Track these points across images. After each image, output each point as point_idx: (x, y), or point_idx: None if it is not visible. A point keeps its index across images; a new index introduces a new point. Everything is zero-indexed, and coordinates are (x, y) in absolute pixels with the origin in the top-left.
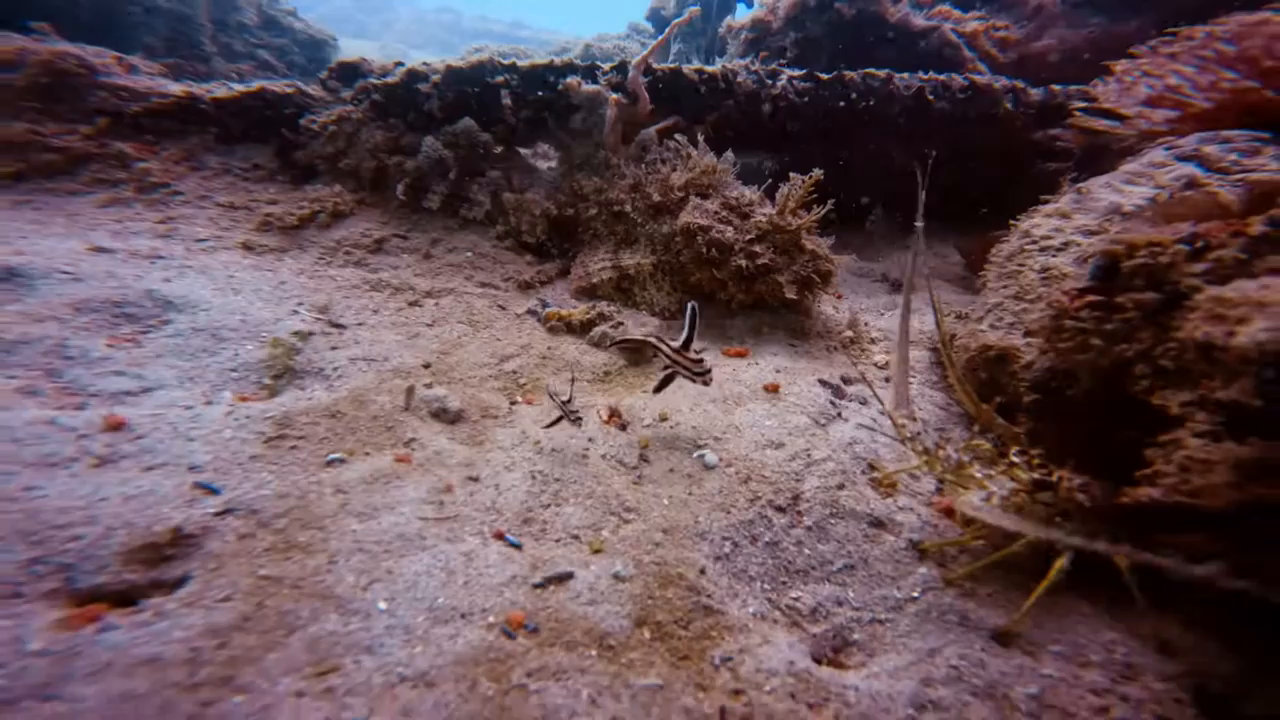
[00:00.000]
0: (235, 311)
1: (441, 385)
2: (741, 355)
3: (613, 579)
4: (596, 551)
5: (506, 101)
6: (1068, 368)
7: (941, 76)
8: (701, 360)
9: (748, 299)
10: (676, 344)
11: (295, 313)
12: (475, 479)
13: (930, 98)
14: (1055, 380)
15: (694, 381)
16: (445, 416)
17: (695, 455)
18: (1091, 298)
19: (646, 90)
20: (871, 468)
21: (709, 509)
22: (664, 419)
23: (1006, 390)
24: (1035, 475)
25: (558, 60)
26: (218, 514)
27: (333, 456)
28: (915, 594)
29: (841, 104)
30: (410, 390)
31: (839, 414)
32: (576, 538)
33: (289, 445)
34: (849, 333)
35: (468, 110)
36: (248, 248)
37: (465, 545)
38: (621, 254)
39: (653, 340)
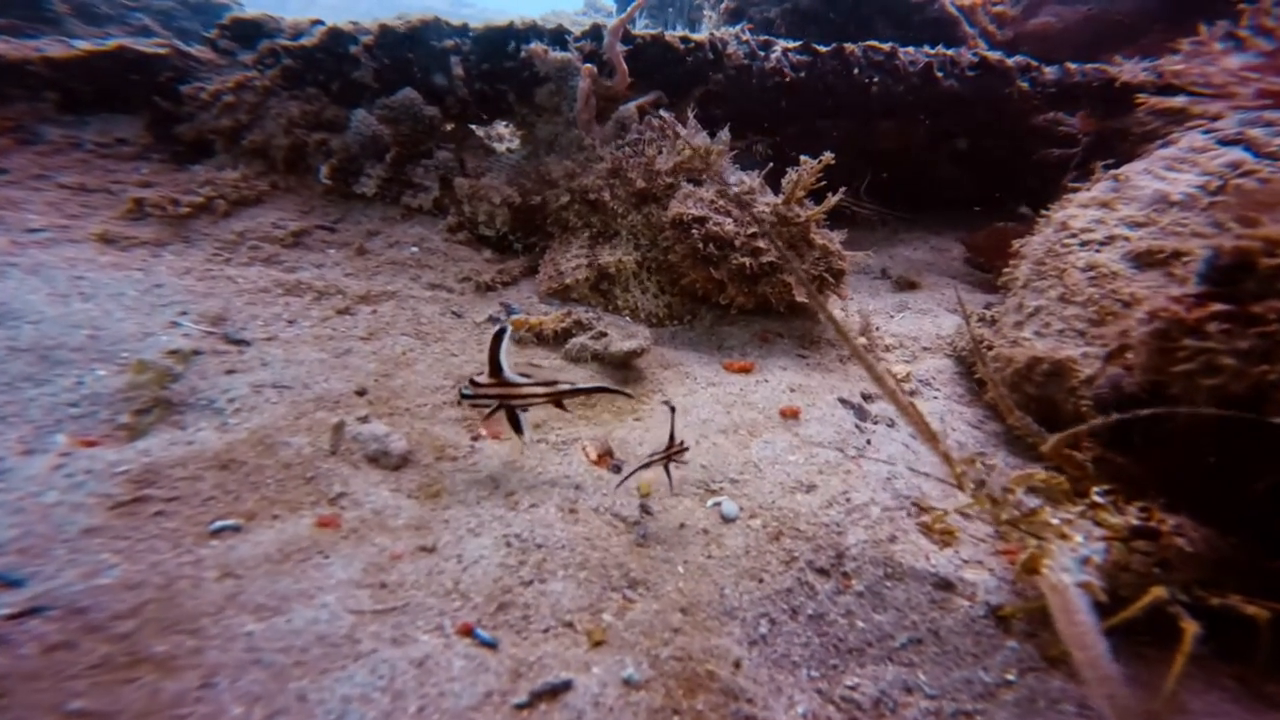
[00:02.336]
0: (81, 324)
1: (381, 418)
2: (746, 371)
3: (623, 685)
4: (598, 644)
5: (458, 71)
6: (1175, 391)
7: (950, 52)
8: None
9: (749, 302)
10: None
11: (175, 325)
12: (430, 548)
13: (938, 75)
14: (1139, 402)
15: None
16: (386, 461)
17: (710, 504)
18: (1217, 307)
19: (624, 60)
20: (918, 508)
21: (735, 576)
22: None
23: (1063, 410)
24: (1132, 520)
25: (519, 22)
26: (13, 616)
27: (221, 524)
28: (1010, 676)
29: (842, 80)
30: (338, 427)
31: (868, 440)
32: (570, 625)
33: (151, 512)
34: (862, 339)
35: (409, 80)
36: (106, 240)
37: (418, 648)
38: (599, 249)
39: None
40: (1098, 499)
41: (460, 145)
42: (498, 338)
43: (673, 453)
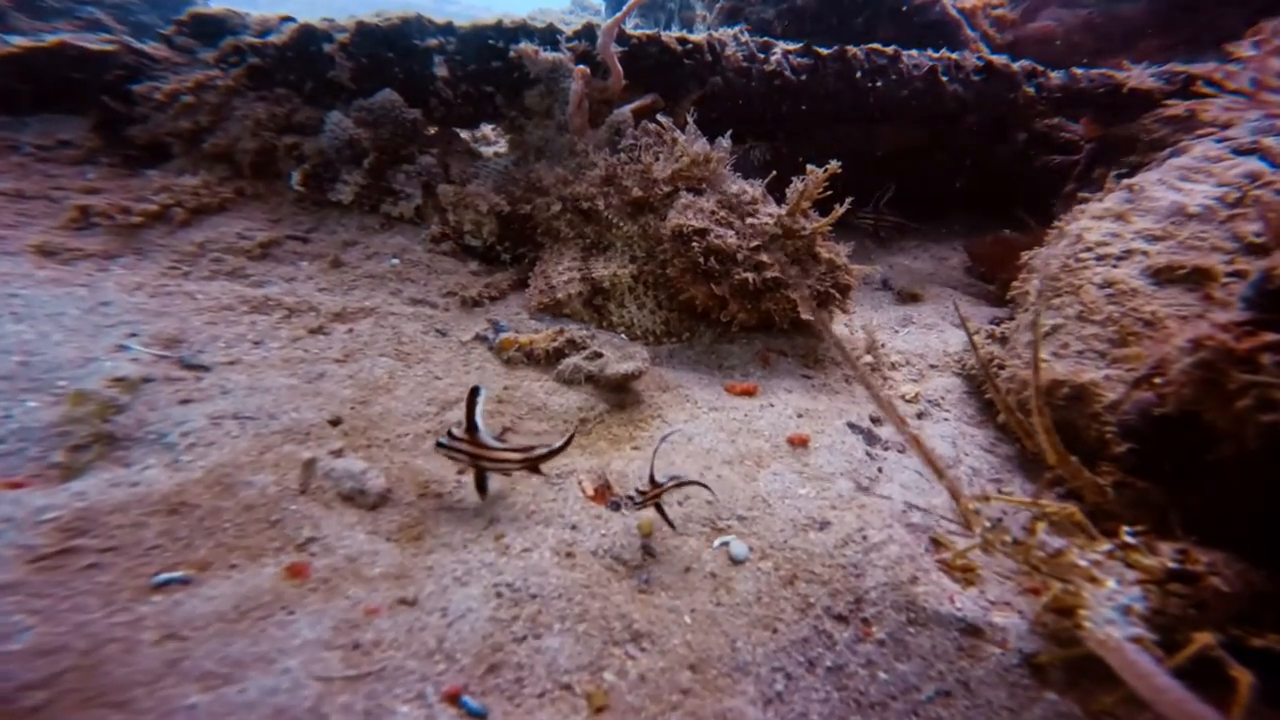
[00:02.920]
0: (11, 349)
1: (358, 451)
2: (750, 393)
3: None
4: (599, 710)
5: (441, 71)
6: (1216, 422)
7: (954, 55)
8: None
9: (751, 319)
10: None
11: (122, 348)
12: (411, 601)
13: (943, 79)
14: (1169, 430)
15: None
16: (363, 499)
17: (718, 544)
18: (1270, 337)
19: (619, 62)
20: (936, 544)
21: (748, 626)
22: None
23: (1085, 435)
24: (1168, 562)
25: (507, 21)
26: None
27: (166, 577)
28: None
29: (845, 84)
30: (309, 463)
31: (879, 469)
32: (569, 688)
33: (81, 565)
34: (868, 358)
35: (388, 80)
36: (45, 253)
37: None
38: (593, 262)
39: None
40: (1129, 539)
41: (444, 150)
42: (473, 395)
43: (660, 492)
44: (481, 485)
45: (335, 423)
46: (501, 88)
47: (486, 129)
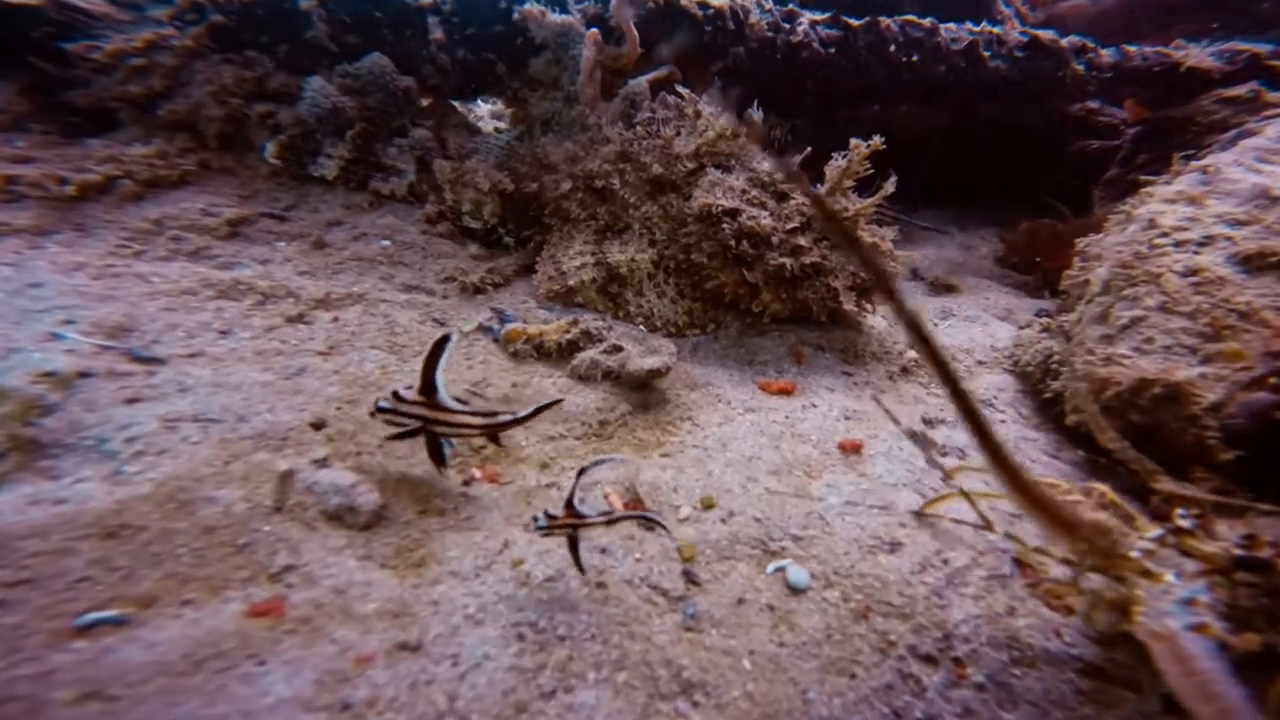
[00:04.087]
0: None
1: (345, 460)
2: (787, 392)
3: None
4: None
5: (437, 34)
6: None
7: (996, 30)
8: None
9: (785, 310)
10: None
11: (55, 337)
12: (414, 645)
13: (984, 54)
14: None
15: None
16: (353, 518)
17: (772, 569)
18: None
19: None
20: (1021, 565)
21: (819, 671)
22: (709, 506)
23: (1179, 440)
24: (1233, 550)
25: None
26: None
27: (95, 618)
28: None
29: (876, 58)
30: (286, 476)
31: (943, 479)
32: None
33: None
34: (911, 353)
35: (377, 44)
36: None
37: None
38: (608, 245)
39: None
40: (1183, 523)
41: (440, 123)
42: (439, 346)
43: (577, 523)
44: (437, 453)
45: (318, 426)
46: (503, 55)
47: (481, 109)
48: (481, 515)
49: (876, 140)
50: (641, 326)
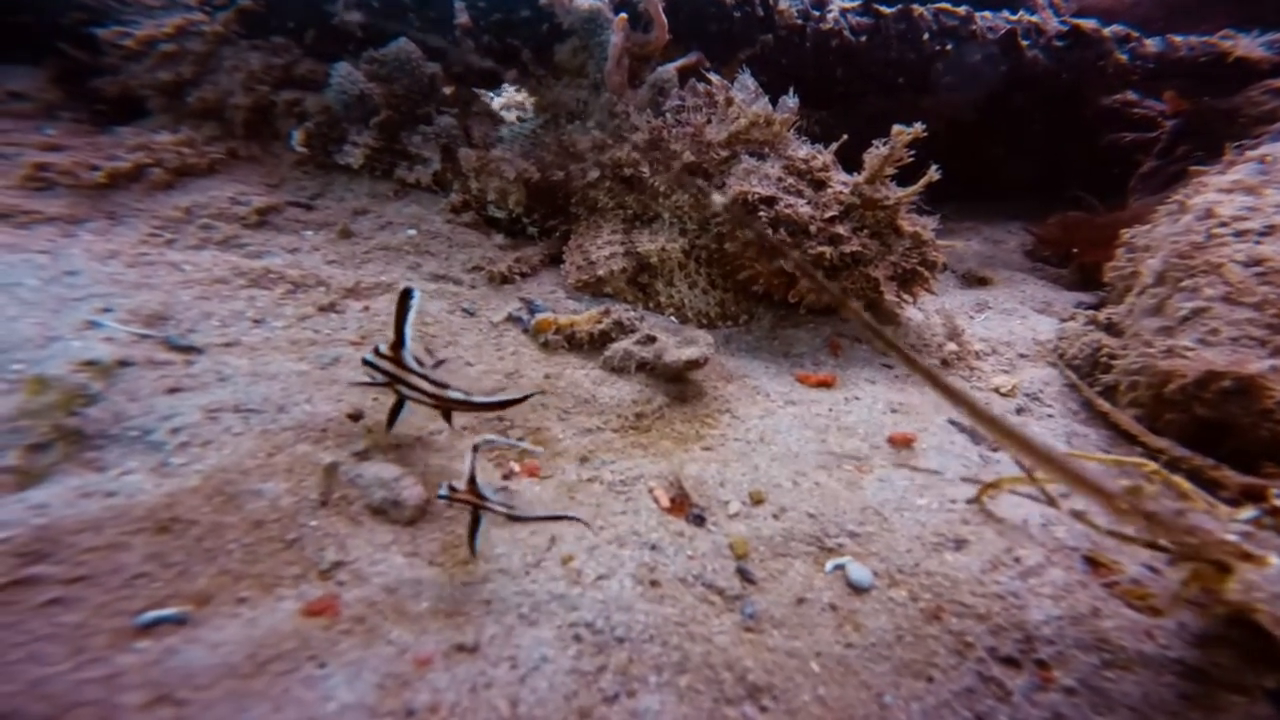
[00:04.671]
0: None
1: (386, 452)
2: (827, 385)
3: None
4: None
5: (462, 19)
6: None
7: (1033, 18)
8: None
9: (822, 300)
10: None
11: (93, 325)
12: (470, 647)
13: (1022, 43)
14: None
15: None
16: (397, 513)
17: (830, 567)
18: None
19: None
20: (1093, 564)
21: (893, 674)
22: (758, 501)
23: (1251, 435)
24: None
25: None
26: None
27: (155, 616)
28: None
29: (909, 47)
30: (331, 469)
31: (997, 475)
32: None
33: (41, 600)
34: (951, 345)
35: (404, 29)
36: None
37: None
38: (637, 235)
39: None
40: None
41: (464, 111)
42: (404, 301)
43: (477, 501)
44: (393, 414)
45: (356, 417)
46: (528, 41)
47: (494, 102)
48: (524, 510)
49: (918, 127)
50: (672, 317)
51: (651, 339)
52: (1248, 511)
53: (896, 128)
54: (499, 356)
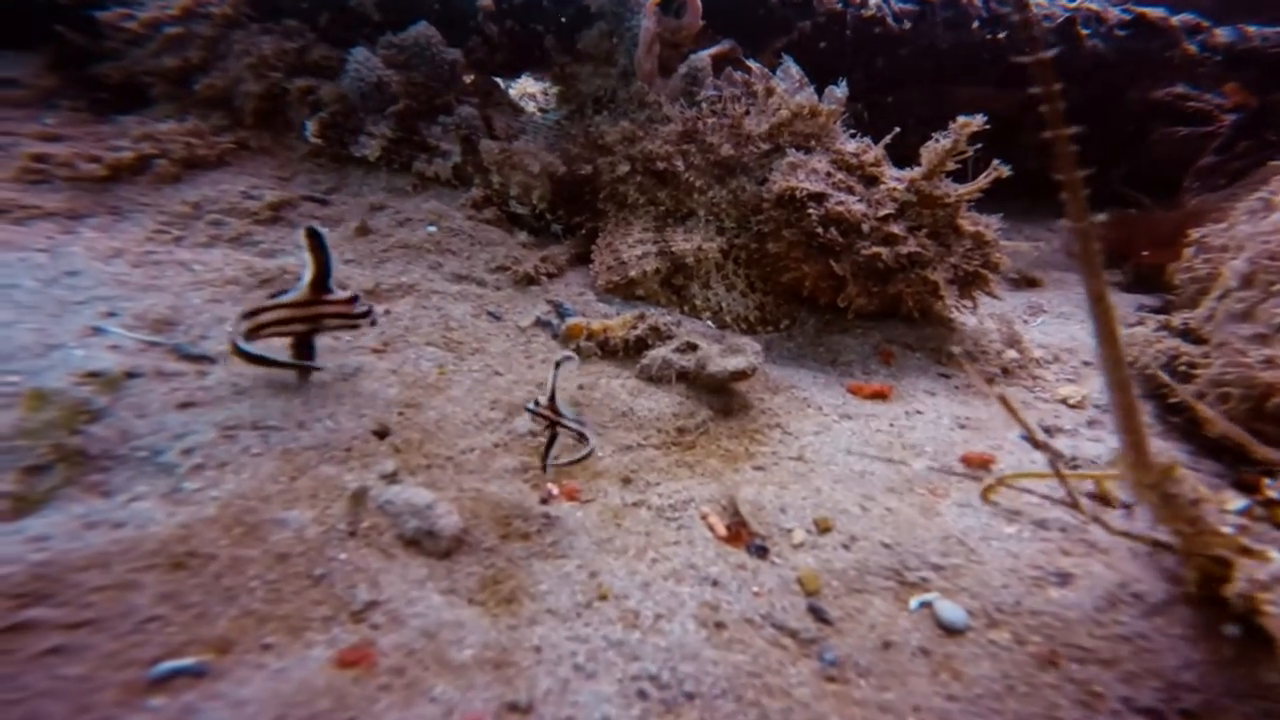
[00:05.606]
0: None
1: (415, 474)
2: (882, 396)
3: None
4: None
5: (485, 2)
6: None
7: (1094, 5)
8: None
9: (871, 305)
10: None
11: (98, 332)
12: (524, 707)
13: (1082, 32)
14: None
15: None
16: (433, 545)
17: (915, 605)
18: None
19: None
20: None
21: None
22: (825, 529)
23: None
24: None
25: None
26: None
27: (171, 667)
28: None
29: (957, 35)
30: (359, 495)
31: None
32: None
33: (40, 648)
34: (1011, 352)
35: (423, 13)
36: None
37: None
38: (670, 233)
39: None
40: (1273, 493)
41: (484, 100)
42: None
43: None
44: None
45: (382, 434)
46: (552, 26)
47: (516, 86)
48: (568, 540)
49: (979, 119)
50: (709, 322)
51: (692, 346)
52: (1238, 503)
53: (961, 119)
54: (528, 365)
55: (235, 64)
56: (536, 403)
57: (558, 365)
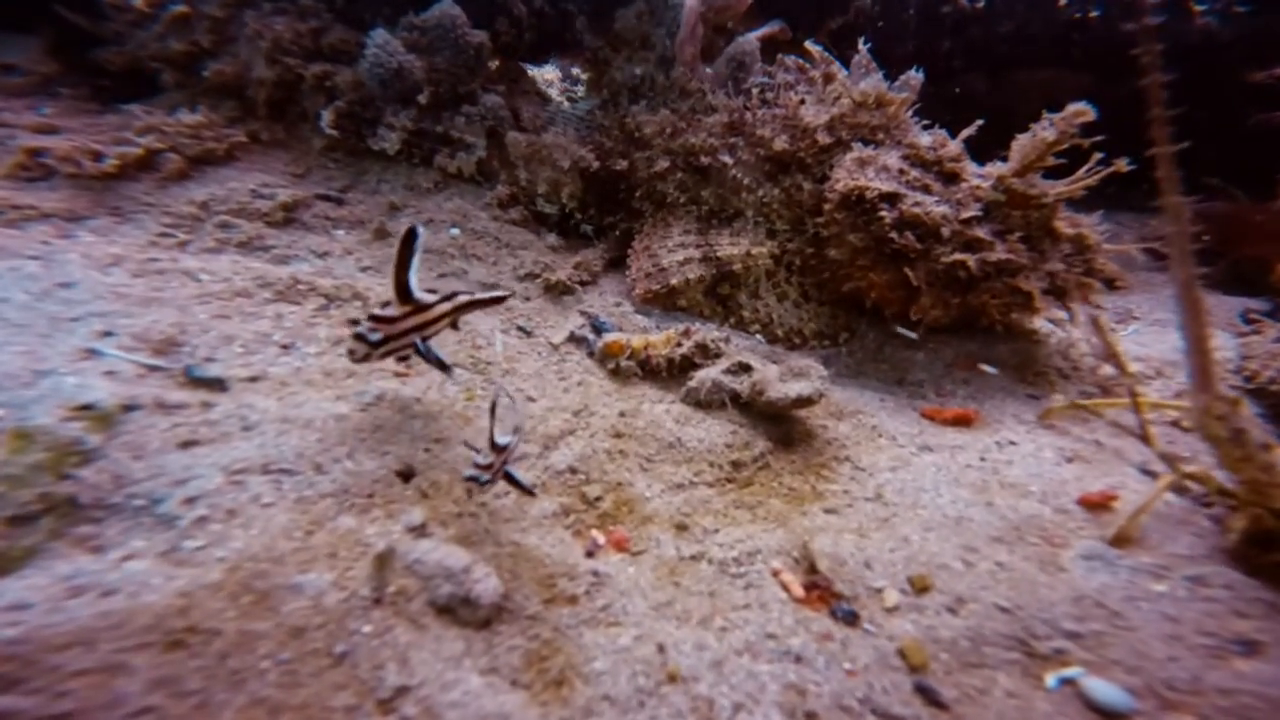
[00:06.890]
0: None
1: (446, 524)
2: (965, 422)
3: None
4: None
5: None
6: None
7: None
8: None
9: (945, 317)
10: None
11: (93, 354)
12: None
13: (1195, 8)
14: None
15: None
16: (470, 614)
17: (1054, 682)
18: None
19: None
20: None
21: None
22: (923, 588)
23: None
24: None
25: None
26: None
27: None
28: None
29: (1038, 13)
30: (385, 558)
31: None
32: None
33: None
34: (1108, 368)
35: None
36: None
37: None
38: (715, 236)
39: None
40: None
41: (511, 88)
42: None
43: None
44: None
45: (406, 476)
46: (586, 6)
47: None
48: (621, 603)
49: (1082, 107)
50: (758, 336)
51: (745, 367)
52: None
53: (1073, 106)
54: (563, 388)
55: (247, 47)
56: (475, 465)
57: (493, 409)
